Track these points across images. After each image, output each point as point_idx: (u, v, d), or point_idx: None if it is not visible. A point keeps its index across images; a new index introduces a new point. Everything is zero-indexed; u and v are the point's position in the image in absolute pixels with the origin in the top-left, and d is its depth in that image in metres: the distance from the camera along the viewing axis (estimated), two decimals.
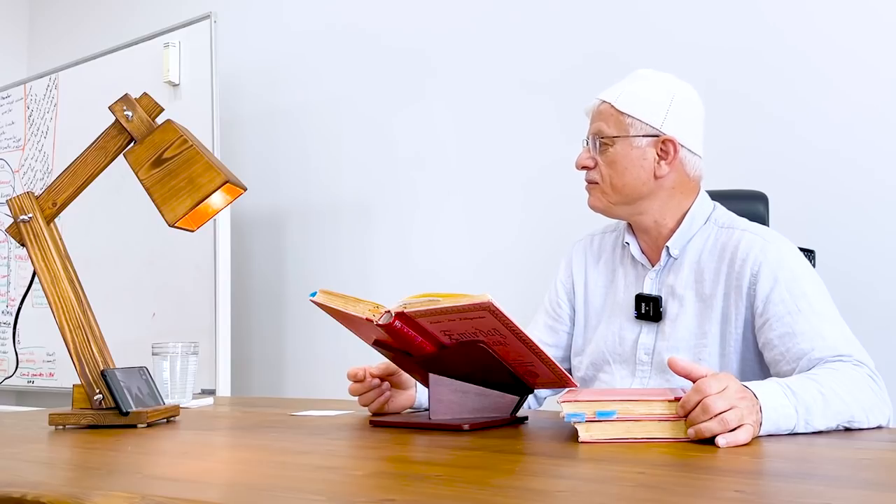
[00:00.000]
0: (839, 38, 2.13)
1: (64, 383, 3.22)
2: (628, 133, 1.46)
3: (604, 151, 1.47)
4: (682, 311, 1.45)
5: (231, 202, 1.45)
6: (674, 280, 1.47)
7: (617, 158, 1.46)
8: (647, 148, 1.46)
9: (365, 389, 1.44)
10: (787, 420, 1.09)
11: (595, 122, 1.49)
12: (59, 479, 0.93)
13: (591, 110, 1.52)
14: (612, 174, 1.47)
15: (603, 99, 1.49)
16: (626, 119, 1.46)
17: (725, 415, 1.00)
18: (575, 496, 0.74)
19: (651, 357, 1.46)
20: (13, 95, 3.61)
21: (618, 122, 1.47)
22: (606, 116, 1.47)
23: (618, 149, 1.46)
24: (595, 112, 1.50)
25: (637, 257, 1.54)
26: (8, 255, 3.61)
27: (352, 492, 0.78)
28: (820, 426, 1.12)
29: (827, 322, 1.32)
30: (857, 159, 2.09)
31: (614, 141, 1.46)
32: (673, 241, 1.48)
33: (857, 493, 0.74)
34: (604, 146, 1.47)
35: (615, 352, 1.51)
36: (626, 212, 1.51)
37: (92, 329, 1.38)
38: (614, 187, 1.48)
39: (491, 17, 2.70)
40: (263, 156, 3.21)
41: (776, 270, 1.37)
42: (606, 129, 1.47)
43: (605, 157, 1.47)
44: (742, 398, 1.04)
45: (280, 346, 3.12)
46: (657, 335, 1.47)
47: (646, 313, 1.48)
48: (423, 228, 2.81)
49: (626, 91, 1.48)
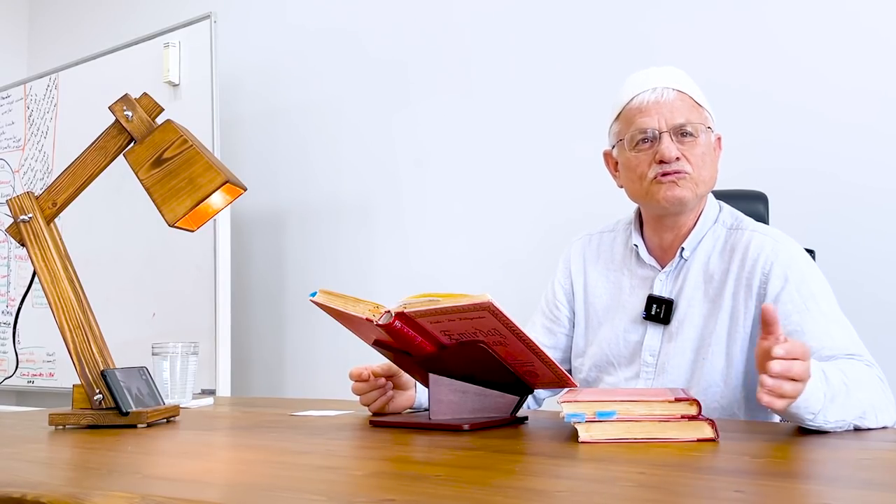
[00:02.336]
0: (839, 38, 2.13)
1: (64, 383, 3.22)
2: (706, 124, 1.45)
3: (691, 143, 1.43)
4: (689, 313, 1.44)
5: (231, 202, 1.45)
6: (683, 281, 1.47)
7: (705, 150, 1.44)
8: (714, 142, 1.48)
9: (369, 389, 1.43)
10: (816, 402, 1.06)
11: (675, 112, 1.43)
12: (59, 479, 0.93)
13: (654, 102, 1.43)
14: (702, 166, 1.44)
15: (679, 89, 1.44)
16: (704, 112, 1.46)
17: (795, 386, 0.99)
18: (575, 496, 0.74)
19: (656, 359, 1.46)
20: (13, 95, 3.61)
21: (699, 114, 1.45)
22: (689, 107, 1.44)
23: (702, 140, 1.44)
24: (670, 103, 1.43)
25: (645, 259, 1.52)
26: (8, 255, 3.61)
27: (352, 492, 0.78)
28: (838, 418, 1.09)
29: (834, 323, 1.33)
30: (857, 159, 2.09)
31: (698, 131, 1.44)
32: (688, 242, 1.47)
33: (857, 493, 0.74)
34: (691, 137, 1.43)
35: (619, 354, 1.50)
36: (697, 207, 1.48)
37: (92, 329, 1.38)
38: (702, 179, 1.45)
39: (491, 17, 2.70)
40: (263, 156, 3.21)
41: (786, 270, 1.37)
42: (693, 119, 1.43)
43: (694, 149, 1.43)
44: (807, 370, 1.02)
45: (280, 346, 3.12)
46: (663, 337, 1.46)
47: (656, 315, 1.46)
48: (423, 228, 2.81)
49: (688, 81, 1.46)
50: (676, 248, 1.49)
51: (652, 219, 1.52)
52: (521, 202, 2.61)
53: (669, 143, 1.41)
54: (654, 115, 1.43)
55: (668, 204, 1.44)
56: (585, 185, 2.43)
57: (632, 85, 1.48)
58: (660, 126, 1.42)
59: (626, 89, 1.49)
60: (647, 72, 1.49)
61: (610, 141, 1.54)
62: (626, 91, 1.49)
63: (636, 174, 1.46)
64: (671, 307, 1.46)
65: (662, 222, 1.50)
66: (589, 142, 2.39)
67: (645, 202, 1.49)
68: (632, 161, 1.46)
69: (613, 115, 1.51)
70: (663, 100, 1.43)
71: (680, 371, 1.43)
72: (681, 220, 1.48)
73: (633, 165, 1.46)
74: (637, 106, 1.45)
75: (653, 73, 1.48)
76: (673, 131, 1.42)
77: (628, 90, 1.48)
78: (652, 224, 1.52)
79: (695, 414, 1.02)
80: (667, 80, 1.45)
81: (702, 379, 1.41)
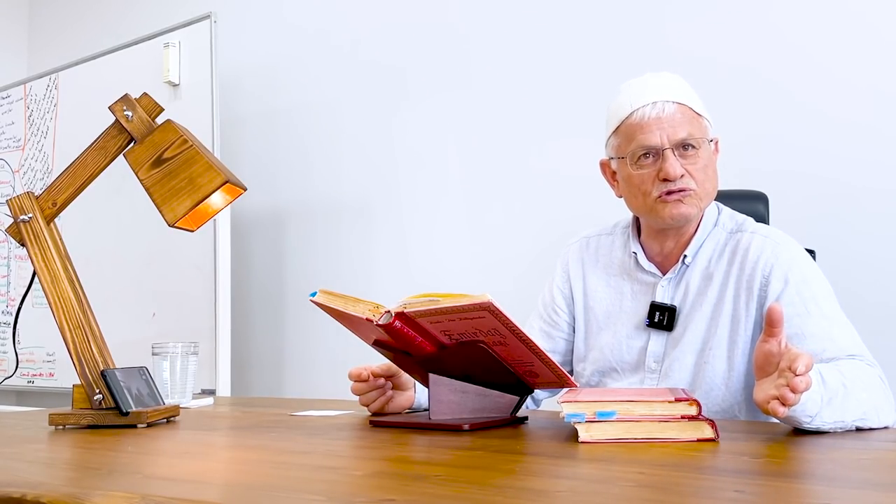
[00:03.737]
0: (838, 38, 2.13)
1: (64, 383, 3.22)
2: (706, 135, 1.44)
3: (693, 156, 1.41)
4: (692, 319, 1.44)
5: (231, 202, 1.45)
6: (685, 287, 1.46)
7: (707, 162, 1.43)
8: (713, 148, 1.46)
9: (368, 389, 1.43)
10: (813, 406, 1.06)
11: (677, 126, 1.40)
12: (59, 479, 0.93)
13: (655, 118, 1.40)
14: (705, 179, 1.42)
15: (679, 101, 1.41)
16: (703, 121, 1.44)
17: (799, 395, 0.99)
18: (575, 496, 0.74)
19: (661, 365, 1.45)
20: (13, 95, 3.61)
21: (699, 125, 1.43)
22: (690, 119, 1.41)
23: (703, 152, 1.42)
24: (671, 117, 1.40)
25: (645, 266, 1.51)
26: (8, 255, 3.61)
27: (352, 492, 0.78)
28: (836, 419, 1.09)
29: (836, 325, 1.32)
30: (857, 159, 2.09)
31: (700, 144, 1.41)
32: (689, 249, 1.47)
33: (857, 493, 0.74)
34: (693, 150, 1.41)
35: (622, 360, 1.50)
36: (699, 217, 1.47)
37: (92, 329, 1.38)
38: (706, 193, 1.43)
39: (491, 18, 2.70)
40: (263, 156, 3.21)
41: (787, 272, 1.37)
42: (695, 132, 1.41)
43: (696, 162, 1.41)
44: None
45: (280, 346, 3.12)
46: (667, 344, 1.46)
47: (659, 322, 1.46)
48: (423, 228, 2.81)
49: (686, 90, 1.44)
50: (677, 255, 1.48)
51: (653, 230, 1.51)
52: (520, 202, 2.61)
53: (673, 161, 1.39)
54: (655, 131, 1.40)
55: (673, 221, 1.44)
56: (584, 186, 2.43)
57: (629, 96, 1.44)
58: (662, 143, 1.40)
59: (623, 100, 1.45)
60: (644, 81, 1.45)
61: (608, 152, 1.51)
62: (623, 103, 1.44)
63: (639, 191, 1.44)
64: (674, 314, 1.46)
65: (664, 232, 1.49)
66: (587, 143, 2.39)
67: (649, 218, 1.48)
68: (634, 178, 1.44)
69: (611, 128, 1.47)
70: (665, 115, 1.40)
71: (682, 375, 1.43)
72: (682, 229, 1.48)
73: (637, 183, 1.44)
74: (637, 122, 1.41)
75: (650, 83, 1.44)
76: (675, 147, 1.40)
77: (626, 102, 1.44)
78: (652, 234, 1.51)
79: (695, 414, 1.02)
80: (665, 91, 1.42)
81: (703, 382, 1.41)
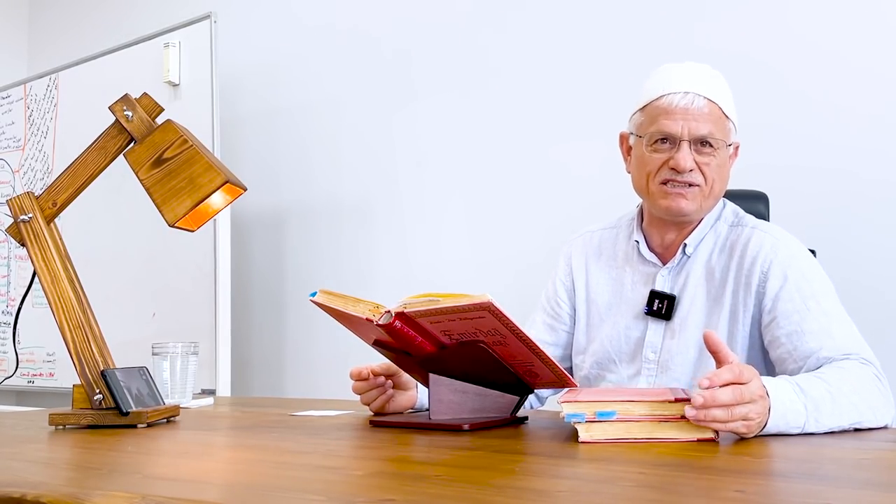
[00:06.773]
0: (839, 38, 2.13)
1: (64, 383, 3.22)
2: (728, 139, 1.43)
3: (708, 154, 1.40)
4: (692, 310, 1.44)
5: (231, 202, 1.45)
6: (685, 278, 1.47)
7: (722, 164, 1.42)
8: (731, 152, 1.46)
9: (369, 387, 1.43)
10: (796, 416, 1.08)
11: (701, 122, 1.39)
12: (59, 479, 0.93)
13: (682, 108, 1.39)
14: (716, 179, 1.42)
15: (710, 98, 1.40)
16: (729, 124, 1.44)
17: (737, 408, 1.00)
18: (575, 496, 0.74)
19: (658, 356, 1.46)
20: (13, 95, 3.61)
21: (723, 127, 1.42)
22: (716, 119, 1.41)
23: (720, 154, 1.41)
24: (698, 111, 1.39)
25: (646, 256, 1.52)
26: (8, 255, 3.61)
27: (352, 492, 0.78)
28: (830, 425, 1.11)
29: (835, 322, 1.32)
30: (857, 159, 2.09)
31: (718, 145, 1.41)
32: (690, 239, 1.47)
33: (857, 493, 0.74)
34: (710, 149, 1.40)
35: (620, 350, 1.50)
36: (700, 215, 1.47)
37: (92, 329, 1.38)
38: (713, 192, 1.43)
39: (491, 17, 2.70)
40: (263, 156, 3.21)
41: (786, 269, 1.37)
42: (716, 132, 1.40)
43: (710, 162, 1.40)
44: (761, 397, 1.03)
45: (280, 346, 3.12)
46: (665, 333, 1.46)
47: (658, 310, 1.46)
48: (423, 228, 2.81)
49: (722, 89, 1.43)
50: (678, 245, 1.49)
51: (655, 219, 1.51)
52: (521, 202, 2.61)
53: (686, 153, 1.39)
54: (679, 120, 1.39)
55: (667, 213, 1.44)
56: (585, 185, 2.44)
57: (665, 79, 1.43)
58: (681, 134, 1.39)
59: (658, 81, 1.44)
60: (683, 68, 1.45)
61: (629, 126, 1.51)
62: (657, 83, 1.44)
63: (645, 171, 1.45)
64: (673, 302, 1.46)
65: (666, 223, 1.50)
66: (591, 144, 2.40)
67: (645, 199, 1.50)
68: (645, 158, 1.44)
69: (639, 104, 1.47)
70: (692, 107, 1.39)
71: (684, 369, 1.43)
72: (690, 222, 1.48)
73: (645, 162, 1.44)
74: (664, 106, 1.41)
75: (688, 71, 1.44)
76: (693, 141, 1.40)
77: (660, 84, 1.43)
78: (655, 222, 1.52)
79: None
80: (700, 84, 1.41)
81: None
